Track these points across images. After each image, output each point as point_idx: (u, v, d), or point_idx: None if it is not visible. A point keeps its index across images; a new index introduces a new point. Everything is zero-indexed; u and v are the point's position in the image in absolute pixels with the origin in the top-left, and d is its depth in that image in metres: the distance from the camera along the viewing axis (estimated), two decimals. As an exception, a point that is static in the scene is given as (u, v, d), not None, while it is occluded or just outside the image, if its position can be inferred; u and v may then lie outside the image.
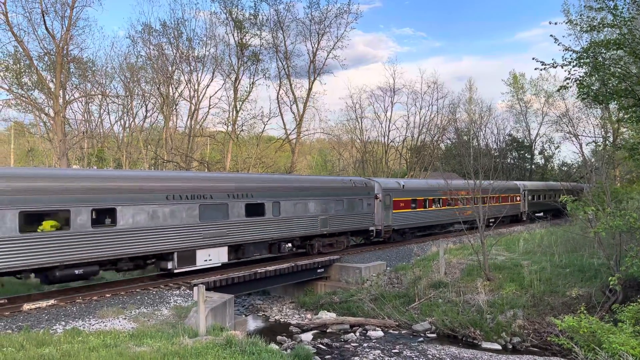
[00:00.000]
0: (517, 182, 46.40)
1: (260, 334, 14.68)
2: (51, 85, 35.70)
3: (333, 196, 25.07)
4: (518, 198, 44.06)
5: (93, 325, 13.38)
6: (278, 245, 22.47)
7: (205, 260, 19.16)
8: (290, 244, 23.04)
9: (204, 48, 45.40)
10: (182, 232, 18.31)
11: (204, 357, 10.24)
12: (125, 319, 14.07)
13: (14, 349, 10.26)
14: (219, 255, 19.61)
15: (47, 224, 15.10)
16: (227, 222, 19.81)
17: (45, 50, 35.41)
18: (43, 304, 14.95)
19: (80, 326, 13.11)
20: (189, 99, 45.30)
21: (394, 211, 29.14)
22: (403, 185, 30.39)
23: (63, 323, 13.37)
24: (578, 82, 16.96)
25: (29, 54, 33.91)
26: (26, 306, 14.63)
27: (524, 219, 44.26)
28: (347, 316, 20.16)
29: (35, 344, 10.76)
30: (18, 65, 35.81)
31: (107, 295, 16.36)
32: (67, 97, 38.42)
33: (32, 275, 15.37)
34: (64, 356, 9.84)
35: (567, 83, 17.02)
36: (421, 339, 17.92)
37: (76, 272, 15.76)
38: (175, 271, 18.32)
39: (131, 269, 18.05)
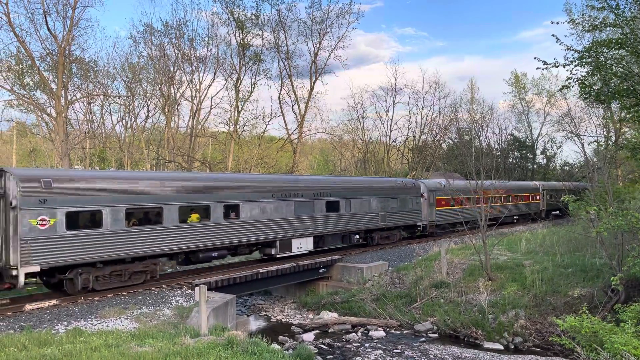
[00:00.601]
0: (537, 183, 49.30)
1: (262, 334, 14.68)
2: (53, 85, 35.75)
3: (390, 195, 28.79)
4: (537, 197, 46.82)
5: (95, 325, 13.40)
6: (349, 236, 26.36)
7: (298, 248, 23.14)
8: (357, 236, 26.95)
9: (205, 48, 45.49)
10: (283, 224, 22.35)
11: (206, 357, 10.25)
12: (127, 319, 14.08)
13: (16, 349, 10.29)
14: (307, 244, 23.68)
15: (194, 216, 18.94)
16: (313, 216, 23.81)
17: (47, 51, 35.45)
18: (45, 304, 14.99)
19: (82, 326, 13.14)
20: (190, 99, 45.34)
21: (437, 208, 32.58)
22: (444, 186, 32.85)
23: (65, 323, 13.40)
24: (580, 81, 16.95)
25: (31, 55, 33.97)
26: (28, 306, 14.67)
27: (543, 216, 46.20)
28: (349, 316, 20.15)
29: (37, 344, 10.79)
30: (20, 66, 35.87)
31: (109, 295, 16.38)
32: (69, 97, 38.43)
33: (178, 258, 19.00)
34: (66, 356, 9.86)
35: (569, 83, 17.01)
36: (423, 339, 17.91)
37: (213, 254, 19.72)
38: (278, 256, 22.29)
39: (245, 253, 22.21)
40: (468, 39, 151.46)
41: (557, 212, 47.87)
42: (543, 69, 17.08)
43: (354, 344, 17.38)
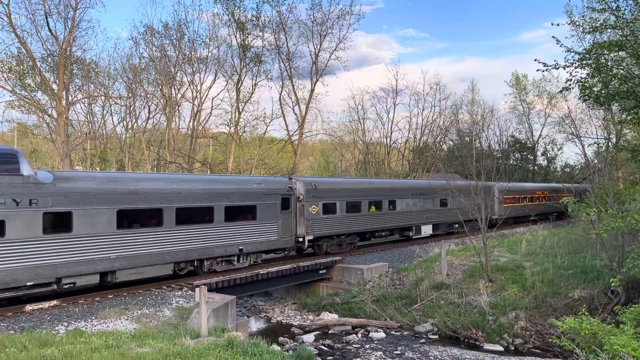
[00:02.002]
0: (570, 185, 49.64)
1: (262, 335, 14.68)
2: (54, 86, 35.84)
3: (477, 195, 32.71)
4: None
5: (95, 326, 13.42)
6: (452, 225, 33.46)
7: (424, 232, 31.86)
8: (457, 225, 33.27)
9: (206, 49, 45.55)
10: (417, 215, 31.12)
11: (206, 358, 10.27)
12: (127, 319, 14.11)
13: (16, 350, 10.31)
14: (429, 229, 32.34)
15: (373, 208, 27.86)
16: (432, 209, 31.64)
17: (49, 52, 35.58)
18: (45, 304, 15.01)
19: (82, 327, 13.16)
20: (191, 100, 45.42)
21: (503, 205, 39.51)
22: (508, 187, 39.54)
23: (65, 324, 13.42)
24: (580, 83, 16.94)
25: (32, 56, 34.06)
26: (29, 307, 14.69)
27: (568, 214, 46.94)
28: (349, 317, 20.16)
29: (37, 344, 10.81)
30: (21, 67, 35.95)
31: (110, 296, 16.42)
32: (70, 98, 38.53)
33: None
34: (66, 357, 9.88)
35: (569, 84, 17.01)
36: (423, 340, 17.92)
37: (382, 234, 29.87)
38: (414, 237, 31.30)
39: (387, 235, 30.58)
40: (469, 40, 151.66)
41: None
42: (543, 71, 17.07)
43: (354, 345, 17.38)
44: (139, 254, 17.10)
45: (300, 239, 23.53)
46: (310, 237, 23.93)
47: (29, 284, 14.49)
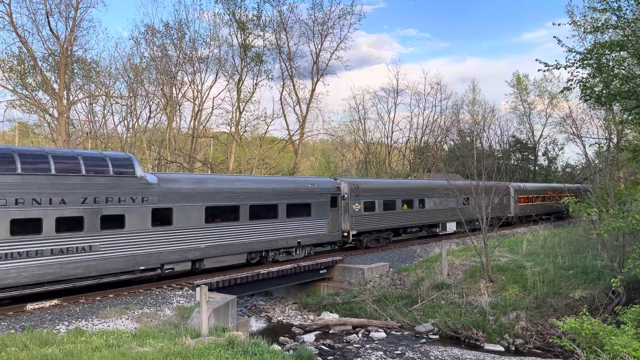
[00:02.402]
0: (579, 185, 50.67)
1: (263, 334, 14.70)
2: (55, 86, 35.87)
3: (497, 195, 36.22)
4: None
5: (96, 325, 13.43)
6: (473, 222, 33.84)
7: (449, 229, 34.05)
8: (477, 222, 36.19)
9: (207, 49, 45.59)
10: (444, 213, 33.25)
11: (206, 358, 10.27)
12: (128, 319, 14.11)
13: (17, 349, 10.31)
14: (453, 227, 34.27)
15: (405, 206, 30.18)
16: (455, 208, 31.26)
17: (50, 51, 35.60)
18: (46, 304, 15.03)
19: (83, 326, 13.17)
20: (192, 100, 45.40)
21: (519, 204, 42.62)
22: (523, 187, 44.09)
23: (66, 323, 13.43)
24: (581, 83, 16.93)
25: (34, 55, 34.09)
26: (30, 306, 14.70)
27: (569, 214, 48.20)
28: (350, 317, 20.16)
29: (38, 343, 10.81)
30: (22, 66, 35.98)
31: (110, 295, 16.43)
32: (71, 97, 38.58)
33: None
34: (67, 356, 9.88)
35: (571, 84, 17.00)
36: (424, 340, 17.92)
37: (414, 230, 32.22)
38: (440, 233, 33.31)
39: (417, 231, 33.31)
40: (470, 40, 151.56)
41: None
42: (544, 71, 17.07)
43: (355, 345, 17.38)
44: (221, 245, 19.91)
45: (345, 234, 26.38)
46: (354, 232, 26.68)
47: (141, 268, 17.24)
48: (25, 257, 14.44)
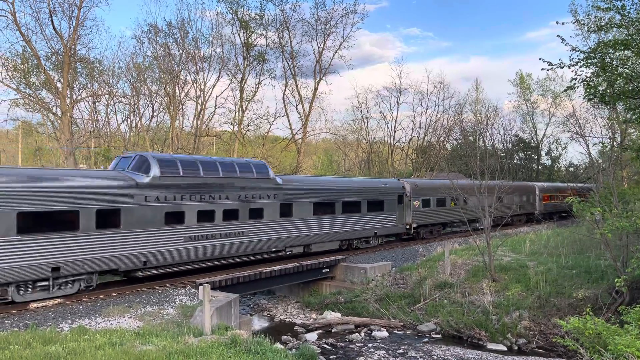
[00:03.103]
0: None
1: (265, 333, 14.70)
2: (59, 84, 35.96)
3: (525, 193, 44.12)
4: None
5: (99, 323, 13.46)
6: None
7: (484, 224, 36.55)
8: (509, 218, 37.05)
9: (210, 48, 45.58)
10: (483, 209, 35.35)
11: (209, 356, 10.28)
12: (130, 317, 14.14)
13: (20, 347, 10.34)
14: (489, 222, 36.36)
15: (452, 203, 33.12)
16: (491, 205, 34.72)
17: (53, 50, 35.69)
18: (50, 302, 15.06)
19: (86, 324, 13.20)
20: (195, 99, 45.47)
21: (543, 202, 47.30)
22: (546, 186, 49.09)
23: (69, 321, 13.46)
24: (585, 82, 16.87)
25: (37, 54, 34.17)
26: (33, 304, 14.74)
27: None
28: (352, 316, 20.15)
29: (41, 341, 10.84)
30: (26, 65, 36.09)
31: (113, 294, 16.46)
32: (74, 96, 38.69)
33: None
34: (70, 354, 9.90)
35: (574, 83, 16.94)
36: (426, 339, 17.90)
37: (454, 224, 35.16)
38: (480, 227, 31.06)
39: (459, 225, 35.14)
40: (473, 39, 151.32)
41: None
42: (548, 70, 17.01)
43: (357, 344, 17.38)
44: (323, 233, 24.49)
45: (408, 227, 30.36)
46: (415, 225, 30.85)
47: (272, 250, 21.90)
48: (204, 240, 19.03)
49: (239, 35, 44.82)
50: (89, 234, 15.61)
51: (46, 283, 14.90)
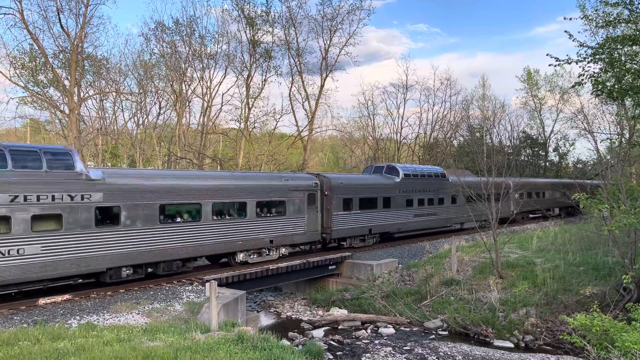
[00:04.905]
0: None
1: (272, 330, 14.74)
2: (66, 82, 36.13)
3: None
4: None
5: (107, 319, 13.56)
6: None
7: (555, 212, 42.68)
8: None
9: (216, 45, 45.68)
10: (548, 201, 41.75)
11: (216, 353, 10.33)
12: (138, 314, 14.24)
13: (29, 343, 10.44)
14: (556, 210, 42.46)
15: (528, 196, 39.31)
16: (555, 198, 41.06)
17: (61, 48, 35.85)
18: (58, 298, 15.19)
19: (94, 321, 13.31)
20: (201, 96, 45.60)
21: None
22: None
23: (78, 317, 13.57)
24: (593, 78, 16.76)
25: (45, 52, 34.34)
26: (42, 301, 14.87)
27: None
28: (359, 313, 20.19)
29: (50, 337, 10.94)
30: (34, 63, 36.30)
31: (121, 290, 16.56)
32: (81, 94, 38.85)
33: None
34: (78, 350, 9.98)
35: (582, 79, 16.83)
36: (433, 336, 17.90)
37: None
38: (547, 213, 40.43)
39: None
40: (481, 35, 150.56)
41: None
42: (556, 66, 16.90)
43: (364, 341, 17.41)
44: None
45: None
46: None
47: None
48: (422, 217, 27.81)
49: (245, 32, 44.89)
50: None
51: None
